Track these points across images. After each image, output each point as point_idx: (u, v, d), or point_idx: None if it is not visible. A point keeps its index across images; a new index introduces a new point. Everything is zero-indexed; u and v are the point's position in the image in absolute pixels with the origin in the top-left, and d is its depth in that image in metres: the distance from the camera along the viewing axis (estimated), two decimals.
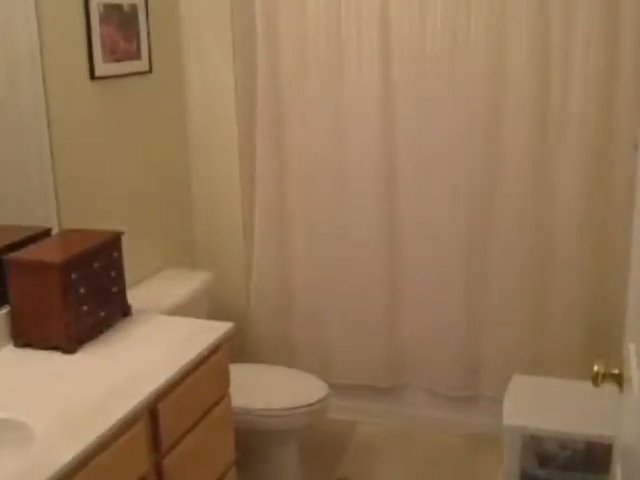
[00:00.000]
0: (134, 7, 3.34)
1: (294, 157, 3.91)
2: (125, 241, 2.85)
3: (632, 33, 3.29)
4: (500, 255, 3.71)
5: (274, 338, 4.14)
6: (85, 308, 2.54)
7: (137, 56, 3.39)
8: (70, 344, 2.47)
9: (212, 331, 2.62)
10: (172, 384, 2.31)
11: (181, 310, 3.31)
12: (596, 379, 1.77)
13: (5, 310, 2.54)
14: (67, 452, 1.85)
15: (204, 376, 2.50)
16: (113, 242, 2.71)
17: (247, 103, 3.90)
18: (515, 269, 3.69)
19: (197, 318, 2.87)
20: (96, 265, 2.60)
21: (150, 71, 3.51)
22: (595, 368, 1.77)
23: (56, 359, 2.43)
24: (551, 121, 3.51)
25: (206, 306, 3.67)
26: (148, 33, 3.45)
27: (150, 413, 2.22)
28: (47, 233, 2.80)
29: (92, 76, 3.08)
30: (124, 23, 3.27)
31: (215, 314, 3.80)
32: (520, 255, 3.66)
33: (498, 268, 3.73)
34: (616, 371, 1.78)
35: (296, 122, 3.87)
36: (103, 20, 3.11)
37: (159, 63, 3.60)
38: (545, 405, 3.16)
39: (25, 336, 2.52)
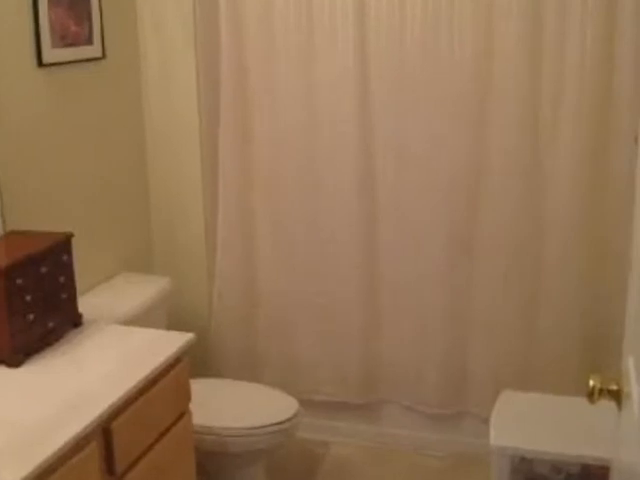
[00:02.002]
0: None
1: (261, 152, 3.89)
2: (76, 243, 2.82)
3: (630, 18, 3.30)
4: (487, 257, 3.70)
5: (239, 350, 4.12)
6: (31, 317, 2.51)
7: (89, 41, 3.36)
8: (15, 357, 2.44)
9: (171, 342, 2.61)
10: (127, 401, 2.30)
11: (137, 319, 3.29)
12: (592, 395, 1.77)
13: None
14: (11, 476, 1.83)
15: (162, 392, 2.49)
16: (62, 245, 2.69)
17: (210, 93, 3.88)
18: (504, 272, 3.68)
19: (154, 328, 2.86)
20: (44, 270, 2.58)
21: (103, 57, 3.48)
22: (591, 383, 1.77)
23: None
24: (543, 110, 3.51)
25: (164, 315, 3.66)
26: (101, 15, 3.42)
27: (103, 432, 2.21)
28: None
29: (39, 63, 3.06)
30: (75, 5, 3.24)
31: (174, 323, 3.77)
32: (509, 257, 3.66)
33: (485, 271, 3.72)
34: (614, 387, 1.78)
35: (263, 114, 3.86)
36: (52, 1, 3.08)
37: (113, 48, 3.57)
38: (536, 424, 3.17)
39: None
